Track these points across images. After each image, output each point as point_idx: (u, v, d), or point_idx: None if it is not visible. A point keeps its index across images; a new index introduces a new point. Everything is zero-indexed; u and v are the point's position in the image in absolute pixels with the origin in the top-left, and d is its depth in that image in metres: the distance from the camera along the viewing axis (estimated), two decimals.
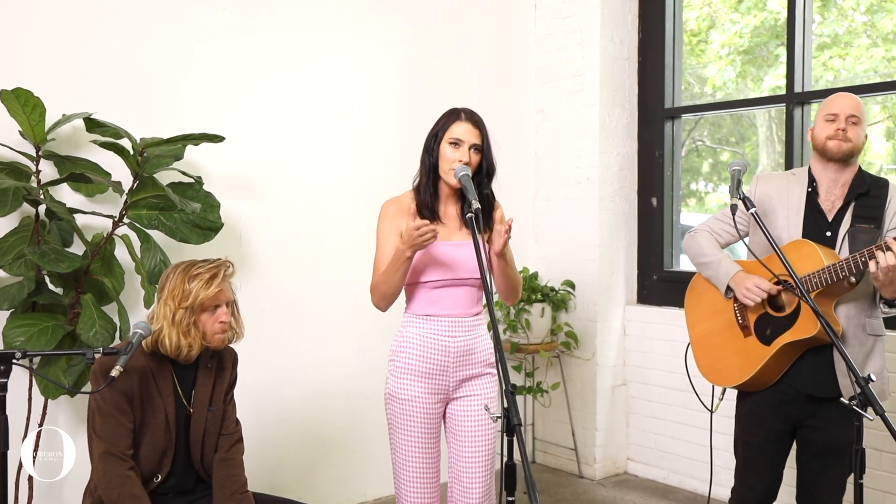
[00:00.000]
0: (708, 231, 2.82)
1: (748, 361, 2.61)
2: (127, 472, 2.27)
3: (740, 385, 2.65)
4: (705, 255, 2.77)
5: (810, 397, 2.58)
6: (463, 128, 2.53)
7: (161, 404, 2.38)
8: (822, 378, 2.54)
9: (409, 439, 2.56)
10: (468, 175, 2.41)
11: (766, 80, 4.66)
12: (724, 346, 2.72)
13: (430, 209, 2.57)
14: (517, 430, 1.82)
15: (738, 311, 2.70)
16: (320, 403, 4.01)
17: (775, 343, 2.55)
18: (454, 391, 2.61)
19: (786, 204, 2.63)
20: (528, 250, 4.84)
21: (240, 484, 2.46)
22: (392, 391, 2.59)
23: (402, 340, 2.59)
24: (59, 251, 2.92)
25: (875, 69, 4.16)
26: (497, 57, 4.73)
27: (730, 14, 4.74)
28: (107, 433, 2.29)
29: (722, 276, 2.70)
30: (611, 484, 4.50)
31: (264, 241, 3.82)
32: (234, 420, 2.60)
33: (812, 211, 2.61)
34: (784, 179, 2.71)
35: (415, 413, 2.55)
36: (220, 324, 2.40)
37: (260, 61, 3.81)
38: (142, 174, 3.07)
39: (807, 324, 2.48)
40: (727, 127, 4.93)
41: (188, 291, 2.34)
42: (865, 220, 2.50)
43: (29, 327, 2.84)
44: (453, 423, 2.63)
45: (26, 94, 2.88)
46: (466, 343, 2.57)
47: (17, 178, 2.97)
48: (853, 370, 2.05)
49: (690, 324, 2.88)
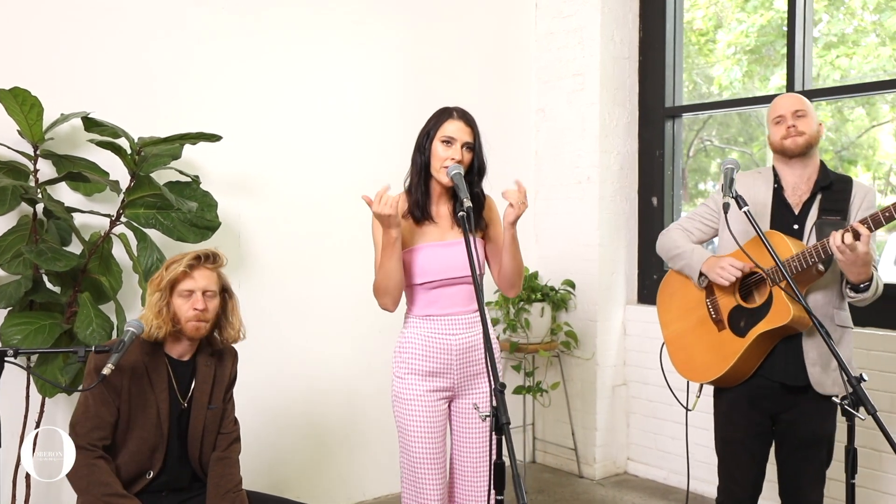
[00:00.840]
0: (681, 228, 2.89)
1: (724, 355, 2.65)
2: (93, 461, 2.28)
3: (718, 379, 2.67)
4: (678, 247, 2.83)
5: (785, 388, 2.62)
6: (455, 126, 2.53)
7: (153, 399, 2.39)
8: (792, 367, 2.60)
9: (418, 440, 2.54)
10: (460, 174, 2.41)
11: (772, 79, 4.65)
12: (699, 343, 2.76)
13: (421, 209, 2.57)
14: (506, 428, 1.81)
15: (710, 307, 2.75)
16: (320, 402, 4.01)
17: (750, 334, 2.59)
18: (459, 389, 2.60)
19: (753, 200, 2.69)
20: (528, 250, 4.83)
21: (234, 483, 2.47)
22: (397, 392, 2.58)
23: (405, 342, 2.59)
24: (56, 250, 2.93)
25: (883, 68, 4.15)
26: (497, 56, 4.72)
27: (736, 13, 4.73)
28: (80, 424, 2.31)
29: (695, 262, 2.76)
30: (611, 484, 4.50)
31: (263, 241, 3.83)
32: (233, 419, 2.61)
33: (779, 206, 2.68)
34: (750, 178, 2.78)
35: (421, 412, 2.54)
36: (194, 311, 2.40)
37: (259, 61, 3.81)
38: (139, 173, 3.08)
39: (780, 312, 2.53)
40: (736, 127, 4.92)
41: (165, 274, 2.40)
42: (831, 213, 2.55)
43: (26, 325, 2.85)
44: (458, 421, 2.63)
45: (24, 94, 2.89)
46: (468, 340, 2.57)
47: (15, 178, 2.99)
48: (844, 369, 2.04)
49: (664, 324, 2.93)
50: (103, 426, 2.33)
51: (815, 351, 2.57)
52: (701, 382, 2.77)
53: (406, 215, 2.59)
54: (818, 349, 2.57)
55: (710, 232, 2.86)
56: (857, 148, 4.75)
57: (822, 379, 2.57)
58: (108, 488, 2.27)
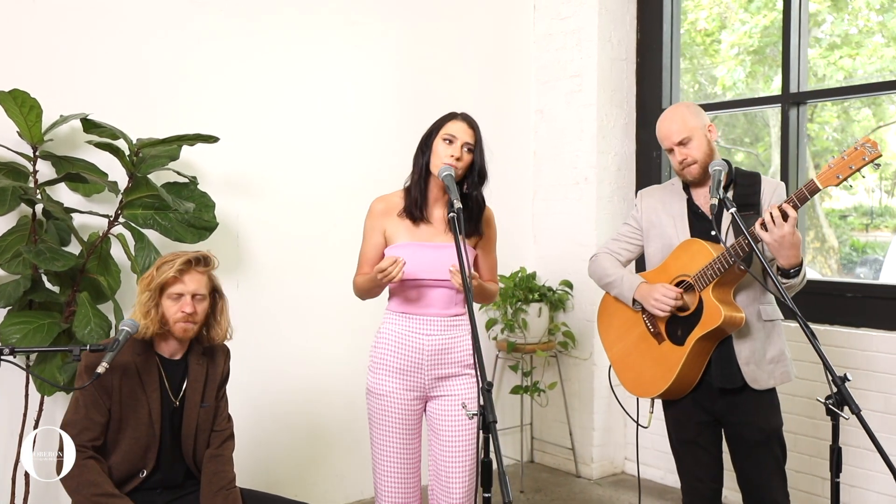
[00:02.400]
0: (608, 252, 2.94)
1: (668, 366, 2.68)
2: (83, 462, 2.31)
3: (666, 391, 2.70)
4: (608, 275, 2.88)
5: (722, 390, 2.67)
6: (458, 126, 2.57)
7: (144, 399, 2.41)
8: (728, 370, 2.64)
9: (385, 434, 2.61)
10: (451, 176, 2.44)
11: (775, 79, 4.66)
12: (642, 359, 2.79)
13: (418, 209, 2.60)
14: (492, 427, 1.84)
15: (647, 321, 2.79)
16: (317, 401, 4.04)
17: (688, 341, 2.63)
18: (431, 389, 2.63)
19: (670, 212, 2.77)
20: (526, 250, 4.86)
21: (227, 480, 2.49)
22: (370, 386, 2.65)
23: (380, 336, 2.65)
24: (55, 250, 2.96)
25: (888, 68, 4.15)
26: (496, 57, 4.75)
27: (739, 14, 4.74)
28: (70, 426, 2.34)
29: (626, 290, 2.80)
30: (608, 483, 4.52)
31: (261, 241, 3.85)
32: (227, 416, 2.63)
33: (693, 215, 2.74)
34: (665, 191, 2.86)
35: (391, 408, 2.59)
36: (182, 313, 2.42)
37: (257, 62, 3.84)
38: (136, 174, 3.11)
39: (712, 315, 2.57)
40: (741, 127, 4.92)
41: (155, 275, 2.42)
42: (743, 209, 2.58)
43: (25, 325, 2.88)
44: (433, 423, 2.66)
45: (23, 95, 2.92)
46: (442, 342, 2.60)
47: (15, 178, 3.02)
48: (829, 369, 2.06)
49: (607, 345, 2.96)
50: (93, 427, 2.35)
51: (748, 349, 2.63)
52: (652, 397, 2.81)
53: (402, 213, 2.62)
54: (750, 346, 2.63)
55: (636, 251, 2.93)
56: None
57: (757, 375, 2.62)
58: (97, 488, 2.30)
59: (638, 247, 2.91)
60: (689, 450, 2.78)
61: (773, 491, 2.66)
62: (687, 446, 2.79)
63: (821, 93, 4.04)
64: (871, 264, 5.02)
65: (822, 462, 3.67)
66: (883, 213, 4.78)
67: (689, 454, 2.79)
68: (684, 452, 2.81)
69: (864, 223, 4.71)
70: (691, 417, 2.75)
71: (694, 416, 2.74)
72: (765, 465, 2.66)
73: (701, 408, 2.73)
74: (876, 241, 5.05)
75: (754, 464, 2.66)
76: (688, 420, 2.76)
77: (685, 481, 2.83)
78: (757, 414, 2.65)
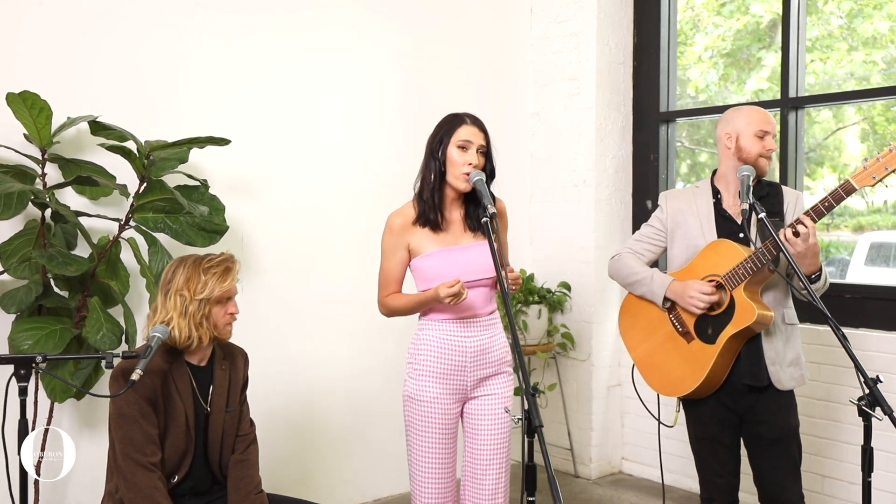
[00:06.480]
0: (631, 252, 2.97)
1: (698, 364, 2.73)
2: (156, 484, 2.29)
3: (696, 389, 2.74)
4: (636, 273, 2.90)
5: (748, 389, 2.73)
6: (469, 130, 2.57)
7: (181, 406, 2.40)
8: (755, 368, 2.70)
9: (427, 440, 2.60)
10: (482, 180, 2.45)
11: (748, 83, 4.73)
12: (670, 358, 2.83)
13: (436, 214, 2.59)
14: (539, 431, 1.85)
15: (674, 321, 2.83)
16: (320, 404, 4.02)
17: (720, 339, 2.68)
18: (472, 391, 2.65)
19: (697, 214, 2.82)
20: (524, 252, 4.88)
21: (254, 484, 2.49)
22: (411, 393, 2.63)
23: (420, 343, 2.64)
24: (66, 254, 2.92)
25: (856, 72, 4.24)
26: (494, 60, 4.76)
27: (712, 17, 4.81)
28: (132, 440, 2.29)
29: (657, 288, 2.83)
30: (606, 483, 4.55)
31: (265, 244, 3.83)
32: (249, 421, 2.63)
33: (720, 217, 2.80)
34: (690, 193, 2.91)
35: (433, 414, 2.59)
36: (229, 315, 2.47)
37: (261, 65, 3.81)
38: (149, 177, 3.07)
39: (745, 313, 2.63)
40: (706, 128, 4.99)
41: (204, 284, 2.39)
42: (769, 216, 2.63)
43: (37, 331, 2.84)
44: (470, 422, 2.68)
45: (33, 98, 2.87)
46: (482, 342, 2.62)
47: (23, 181, 2.97)
48: (861, 370, 2.11)
49: (631, 346, 2.99)
50: (152, 440, 2.33)
51: (773, 350, 2.69)
52: (679, 396, 2.85)
53: (416, 222, 2.61)
54: (774, 347, 2.69)
55: (658, 252, 2.97)
56: (824, 150, 4.84)
57: (780, 376, 2.68)
58: None
59: (661, 248, 2.94)
60: (709, 447, 2.83)
61: (787, 491, 2.71)
62: (707, 443, 2.83)
63: (820, 98, 4.11)
64: (837, 263, 5.13)
65: (821, 460, 3.73)
66: (842, 213, 4.89)
67: (708, 451, 2.84)
68: (704, 449, 2.85)
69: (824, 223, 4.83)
70: (714, 415, 2.79)
71: (717, 414, 2.79)
72: (782, 464, 2.71)
73: (724, 406, 2.77)
74: (839, 240, 5.16)
75: (772, 462, 2.72)
76: (710, 418, 2.80)
77: (703, 476, 2.87)
78: (778, 413, 2.71)
